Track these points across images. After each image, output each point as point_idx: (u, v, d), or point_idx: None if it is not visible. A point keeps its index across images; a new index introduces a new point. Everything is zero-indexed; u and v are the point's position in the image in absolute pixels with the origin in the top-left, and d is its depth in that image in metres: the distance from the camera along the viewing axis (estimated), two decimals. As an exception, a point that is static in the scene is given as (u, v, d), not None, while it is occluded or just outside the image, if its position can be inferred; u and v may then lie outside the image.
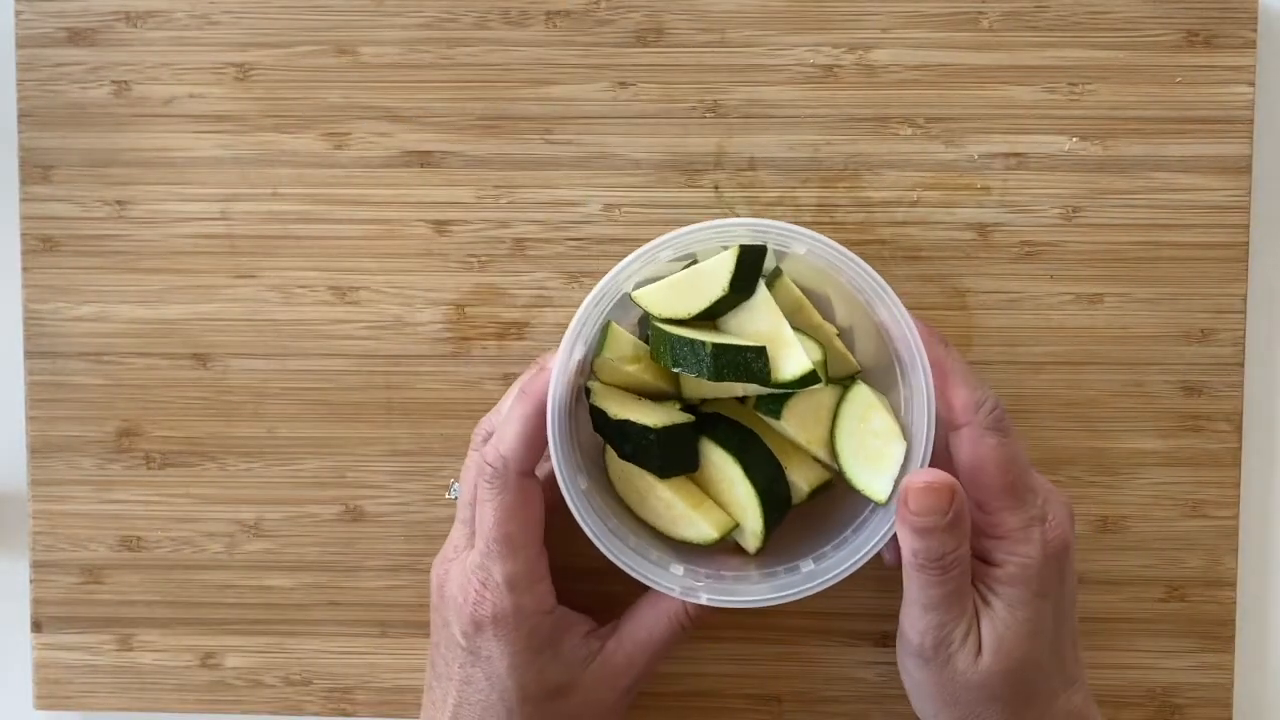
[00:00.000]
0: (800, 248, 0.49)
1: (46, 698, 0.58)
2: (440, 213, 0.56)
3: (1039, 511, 0.48)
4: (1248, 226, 0.55)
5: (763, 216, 0.55)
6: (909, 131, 0.55)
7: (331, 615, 0.57)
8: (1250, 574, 0.57)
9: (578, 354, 0.49)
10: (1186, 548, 0.56)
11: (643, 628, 0.52)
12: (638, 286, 0.50)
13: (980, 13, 0.55)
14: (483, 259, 0.56)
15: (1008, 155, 0.55)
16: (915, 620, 0.48)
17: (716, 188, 0.56)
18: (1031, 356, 0.56)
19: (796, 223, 0.49)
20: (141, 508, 0.57)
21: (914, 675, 0.49)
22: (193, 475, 0.57)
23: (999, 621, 0.48)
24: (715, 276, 0.49)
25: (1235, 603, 0.56)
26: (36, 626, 0.58)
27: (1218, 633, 0.56)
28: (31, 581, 0.58)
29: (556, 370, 0.48)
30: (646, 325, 0.51)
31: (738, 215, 0.56)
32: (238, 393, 0.57)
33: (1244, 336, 0.55)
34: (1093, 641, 0.56)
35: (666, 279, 0.50)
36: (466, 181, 0.56)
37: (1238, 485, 0.56)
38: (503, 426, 0.49)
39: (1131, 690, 0.56)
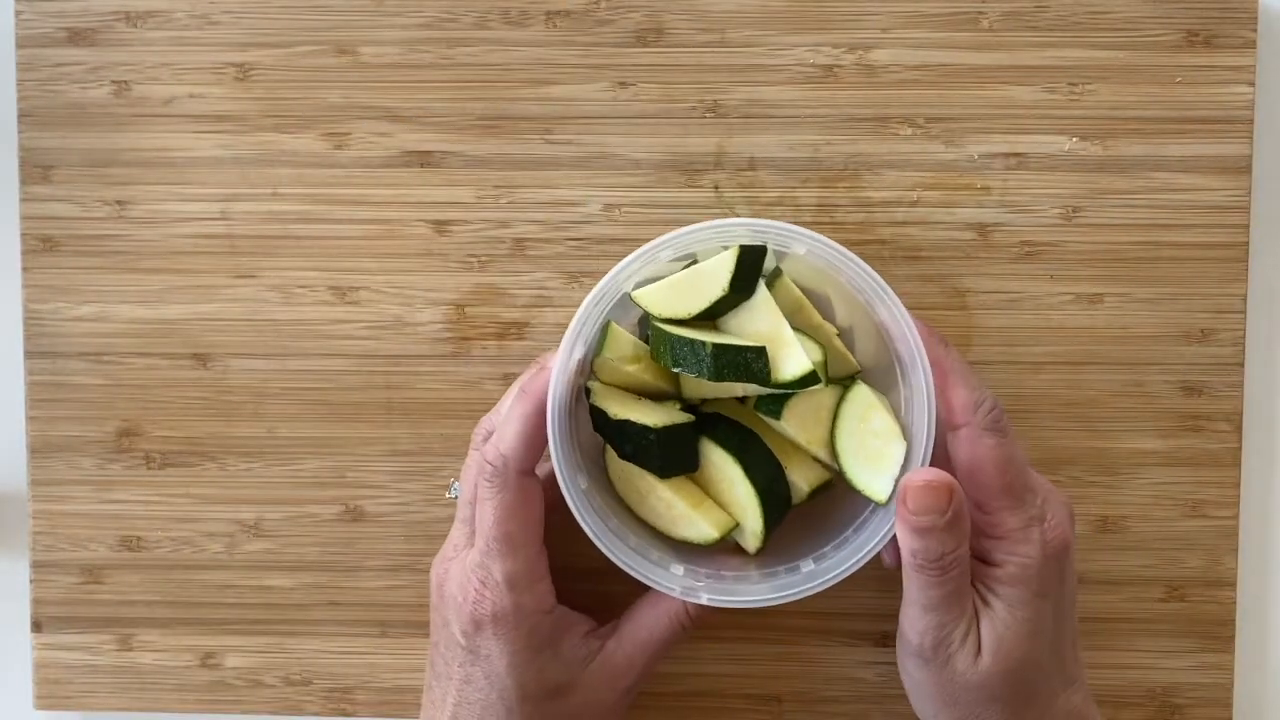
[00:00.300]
0: (800, 248, 0.49)
1: (46, 698, 0.58)
2: (440, 213, 0.56)
3: (1038, 511, 0.48)
4: (1248, 226, 0.55)
5: (763, 216, 0.55)
6: (909, 131, 0.55)
7: (331, 615, 0.57)
8: (1250, 574, 0.57)
9: (577, 354, 0.49)
10: (1186, 548, 0.56)
11: (643, 627, 0.52)
12: (638, 286, 0.50)
13: (980, 13, 0.55)
14: (483, 259, 0.56)
15: (1008, 155, 0.55)
16: (915, 621, 0.48)
17: (716, 188, 0.56)
18: (1031, 356, 0.56)
19: (796, 223, 0.49)
20: (141, 508, 0.57)
21: (914, 676, 0.49)
22: (193, 475, 0.57)
23: (999, 622, 0.48)
24: (715, 276, 0.49)
25: (1235, 603, 0.56)
26: (36, 626, 0.58)
27: (1218, 633, 0.56)
28: (31, 581, 0.58)
29: (556, 370, 0.48)
30: (646, 325, 0.51)
31: (738, 215, 0.56)
32: (238, 393, 0.57)
33: (1244, 336, 0.55)
34: (1093, 641, 0.56)
35: (666, 279, 0.50)
36: (466, 181, 0.56)
37: (1238, 485, 0.56)
38: (503, 426, 0.49)
39: (1131, 690, 0.56)
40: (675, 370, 0.49)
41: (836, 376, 0.51)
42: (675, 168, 0.56)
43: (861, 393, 0.50)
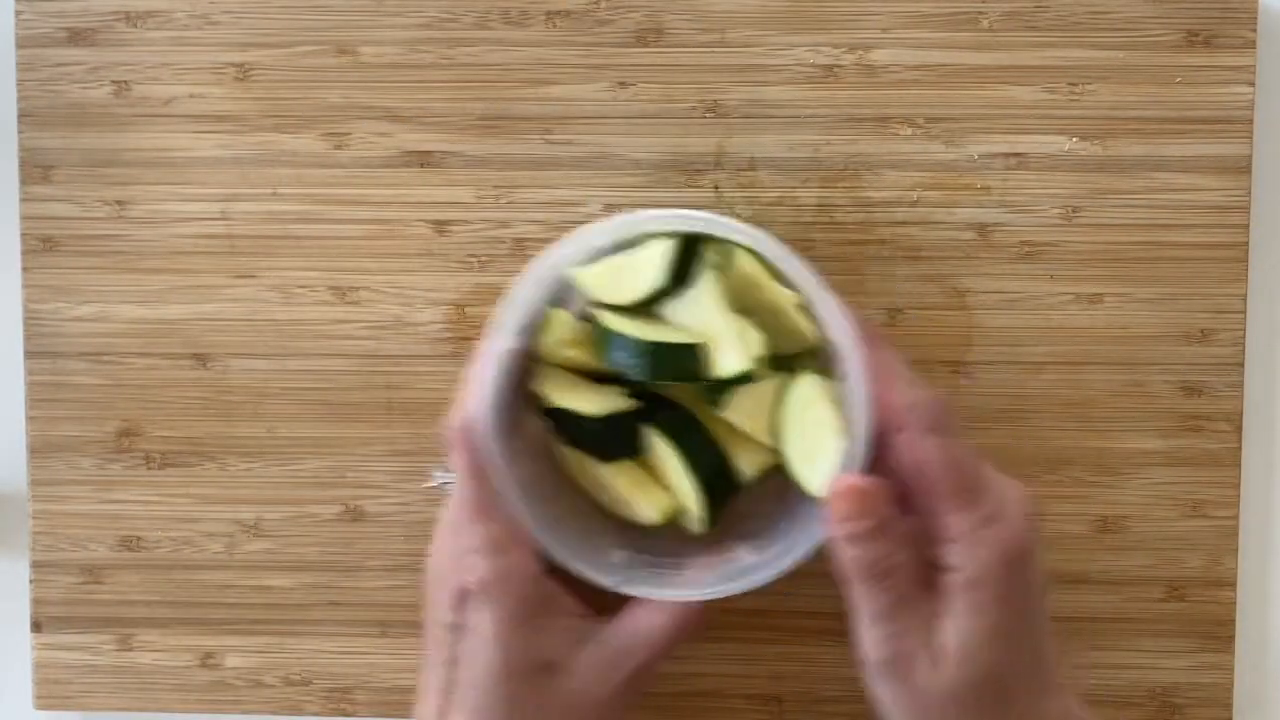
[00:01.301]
0: (741, 239, 0.48)
1: (46, 698, 0.58)
2: (440, 213, 0.56)
3: (991, 511, 0.46)
4: (1248, 226, 0.55)
5: (763, 217, 0.55)
6: (909, 131, 0.55)
7: (331, 615, 0.57)
8: (1250, 574, 0.57)
9: (512, 342, 0.49)
10: (1186, 548, 0.56)
11: (643, 618, 0.50)
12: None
13: (980, 13, 0.55)
14: (483, 259, 0.56)
15: (1008, 155, 0.55)
16: (865, 634, 0.47)
17: (716, 188, 0.56)
18: (1032, 356, 0.56)
19: (797, 223, 0.49)
20: (141, 508, 0.57)
21: (879, 694, 0.47)
22: (193, 475, 0.57)
23: (961, 630, 0.46)
24: (652, 265, 0.48)
25: (1235, 603, 0.56)
26: (36, 626, 0.58)
27: (1218, 633, 0.56)
28: (31, 581, 0.58)
29: (489, 359, 0.48)
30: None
31: (736, 215, 0.55)
32: (238, 393, 0.57)
33: (1244, 336, 0.55)
34: (1093, 641, 0.56)
35: (606, 261, 0.49)
36: (466, 181, 0.56)
37: (1238, 485, 0.56)
38: (465, 393, 0.49)
39: (1131, 690, 0.56)
40: (613, 368, 0.48)
41: (788, 353, 0.49)
42: (675, 168, 0.56)
43: (807, 383, 0.49)
